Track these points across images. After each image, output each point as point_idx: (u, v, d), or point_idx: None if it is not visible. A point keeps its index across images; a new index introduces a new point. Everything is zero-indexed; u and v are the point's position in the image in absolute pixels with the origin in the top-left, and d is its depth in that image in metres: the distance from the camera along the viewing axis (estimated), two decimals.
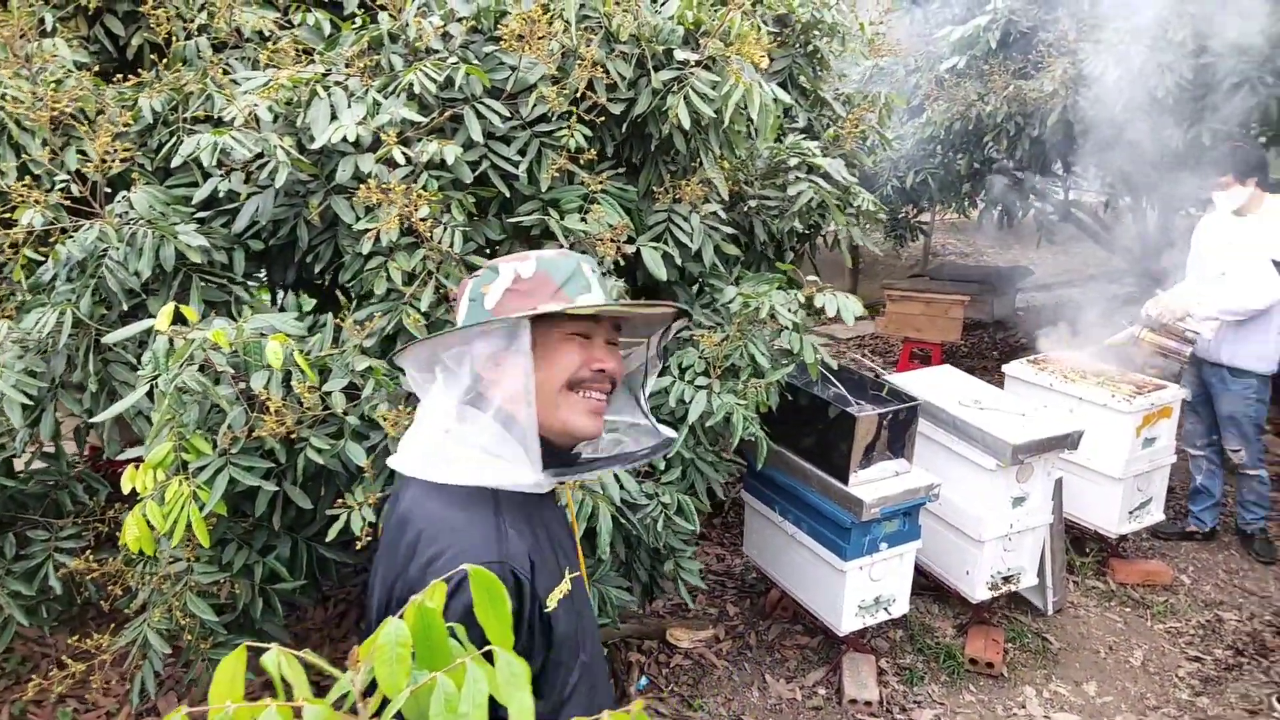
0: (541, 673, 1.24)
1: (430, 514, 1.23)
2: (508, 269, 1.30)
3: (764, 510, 3.49)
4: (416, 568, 1.19)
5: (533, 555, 1.22)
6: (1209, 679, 3.35)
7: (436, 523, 1.22)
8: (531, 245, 2.57)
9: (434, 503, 1.24)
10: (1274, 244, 3.78)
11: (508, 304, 1.28)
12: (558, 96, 2.38)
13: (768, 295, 2.69)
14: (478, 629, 1.08)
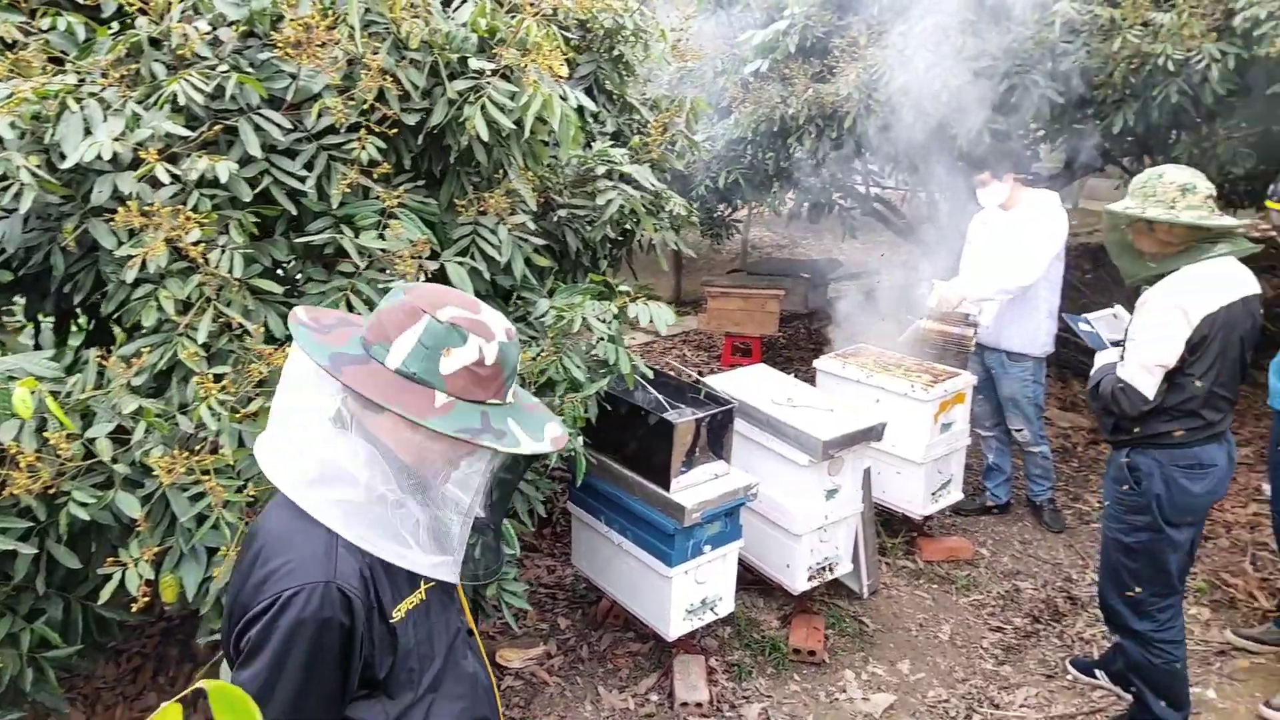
0: (389, 676, 1.31)
1: (272, 529, 1.28)
2: (474, 343, 1.28)
3: (590, 520, 3.45)
4: (253, 583, 1.24)
5: (367, 572, 1.26)
6: (1010, 647, 3.60)
7: (275, 539, 1.26)
8: (326, 265, 2.42)
9: (280, 516, 1.29)
10: (1038, 234, 4.08)
11: (460, 381, 1.27)
12: (344, 107, 2.24)
13: (581, 306, 2.65)
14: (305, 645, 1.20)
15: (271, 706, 1.20)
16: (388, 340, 1.27)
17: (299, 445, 1.29)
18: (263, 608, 1.21)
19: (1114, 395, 2.74)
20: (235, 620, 1.26)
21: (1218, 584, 3.98)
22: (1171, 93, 4.08)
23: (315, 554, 1.23)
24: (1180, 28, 4.00)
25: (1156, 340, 2.67)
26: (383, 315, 1.30)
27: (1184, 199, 2.61)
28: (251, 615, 1.22)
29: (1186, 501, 2.76)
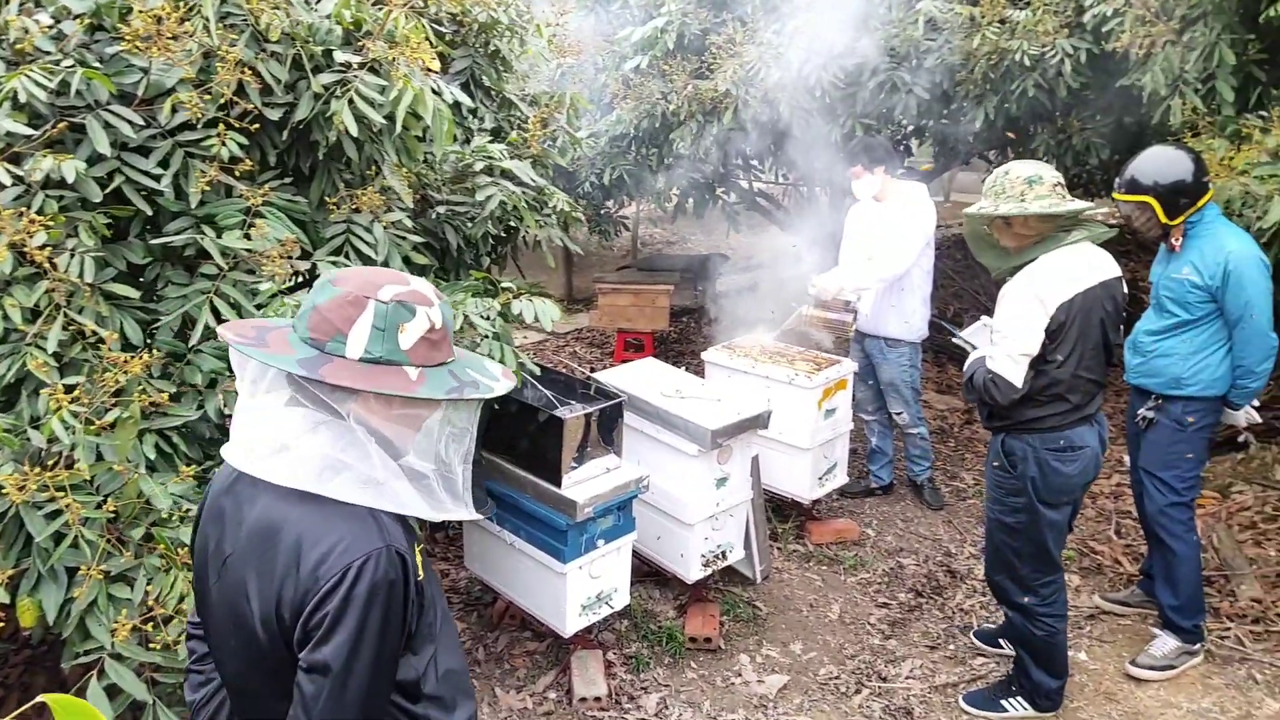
0: (415, 631, 1.37)
1: (299, 520, 1.29)
2: (423, 314, 1.35)
3: (482, 522, 3.41)
4: (306, 572, 1.25)
5: (406, 537, 1.34)
6: (895, 622, 3.73)
7: (311, 526, 1.28)
8: (187, 268, 2.31)
9: (304, 508, 1.29)
10: (908, 225, 4.24)
11: (420, 351, 1.35)
12: (201, 101, 2.15)
13: (463, 304, 2.61)
14: (380, 609, 1.26)
15: (355, 675, 1.26)
16: (341, 333, 1.31)
17: (289, 444, 1.31)
18: (334, 583, 1.24)
19: (986, 387, 2.85)
20: (295, 608, 1.26)
21: (1086, 552, 4.21)
22: (1028, 87, 4.29)
23: (363, 526, 1.29)
24: (1035, 24, 4.22)
25: (1018, 331, 2.80)
26: (323, 310, 1.32)
27: (1031, 190, 2.75)
28: (322, 594, 1.24)
29: (1059, 483, 2.90)
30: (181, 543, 2.00)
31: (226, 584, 1.36)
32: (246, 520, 1.34)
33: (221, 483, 1.43)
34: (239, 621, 1.34)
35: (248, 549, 1.33)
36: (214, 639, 1.45)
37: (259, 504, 1.33)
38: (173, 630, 1.95)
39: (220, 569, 1.37)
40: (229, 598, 1.35)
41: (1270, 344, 3.08)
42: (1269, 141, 3.48)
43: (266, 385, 1.34)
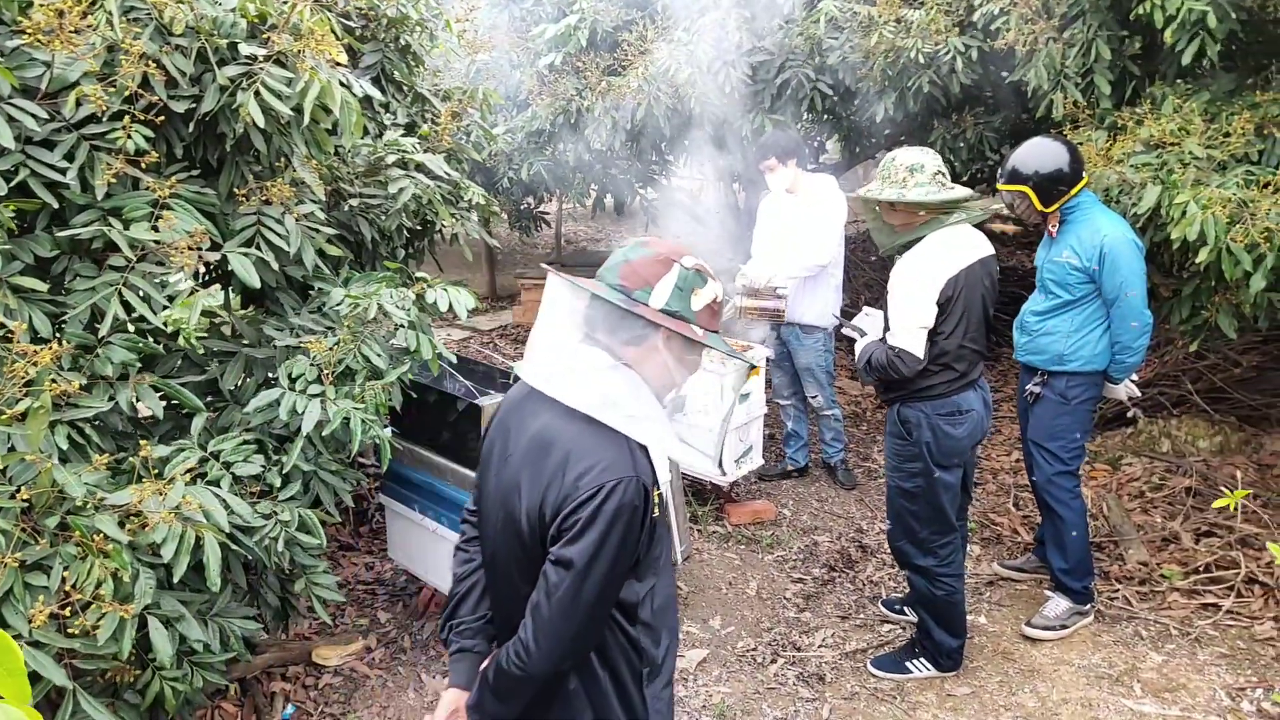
0: (643, 560, 1.60)
1: (573, 438, 1.54)
2: (712, 285, 1.64)
3: (404, 511, 3.46)
4: (570, 480, 1.50)
5: (652, 475, 1.56)
6: (810, 595, 3.89)
7: (580, 445, 1.53)
8: (95, 260, 2.32)
9: (576, 426, 1.55)
10: (821, 216, 4.42)
11: (704, 316, 1.61)
12: (105, 95, 2.16)
13: (376, 295, 2.66)
14: (622, 528, 1.50)
15: (592, 576, 1.50)
16: (649, 286, 1.59)
17: (581, 374, 1.58)
18: (588, 495, 1.49)
19: (891, 362, 3.01)
20: (555, 509, 1.52)
21: (986, 523, 4.45)
22: (924, 83, 4.51)
23: (621, 455, 1.52)
24: (928, 24, 4.43)
25: (913, 305, 2.98)
26: (635, 265, 1.61)
27: (912, 178, 2.94)
28: (578, 502, 1.49)
29: (950, 445, 3.09)
30: (97, 530, 2.01)
31: (503, 480, 1.63)
32: (529, 430, 1.61)
33: (513, 399, 1.72)
34: (509, 512, 1.60)
35: (526, 454, 1.60)
36: (485, 525, 1.73)
37: (541, 419, 1.60)
38: (91, 616, 1.96)
39: (501, 467, 1.65)
40: (504, 492, 1.62)
41: (1145, 321, 3.31)
42: (1143, 132, 3.74)
43: (570, 322, 1.64)
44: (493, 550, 1.70)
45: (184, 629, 2.21)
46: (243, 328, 2.77)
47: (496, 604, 1.76)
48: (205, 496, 2.18)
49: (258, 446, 2.46)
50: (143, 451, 2.17)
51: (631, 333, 1.59)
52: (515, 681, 1.58)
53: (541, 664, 1.55)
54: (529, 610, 1.56)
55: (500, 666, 1.60)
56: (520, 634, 1.57)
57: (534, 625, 1.54)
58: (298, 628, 3.42)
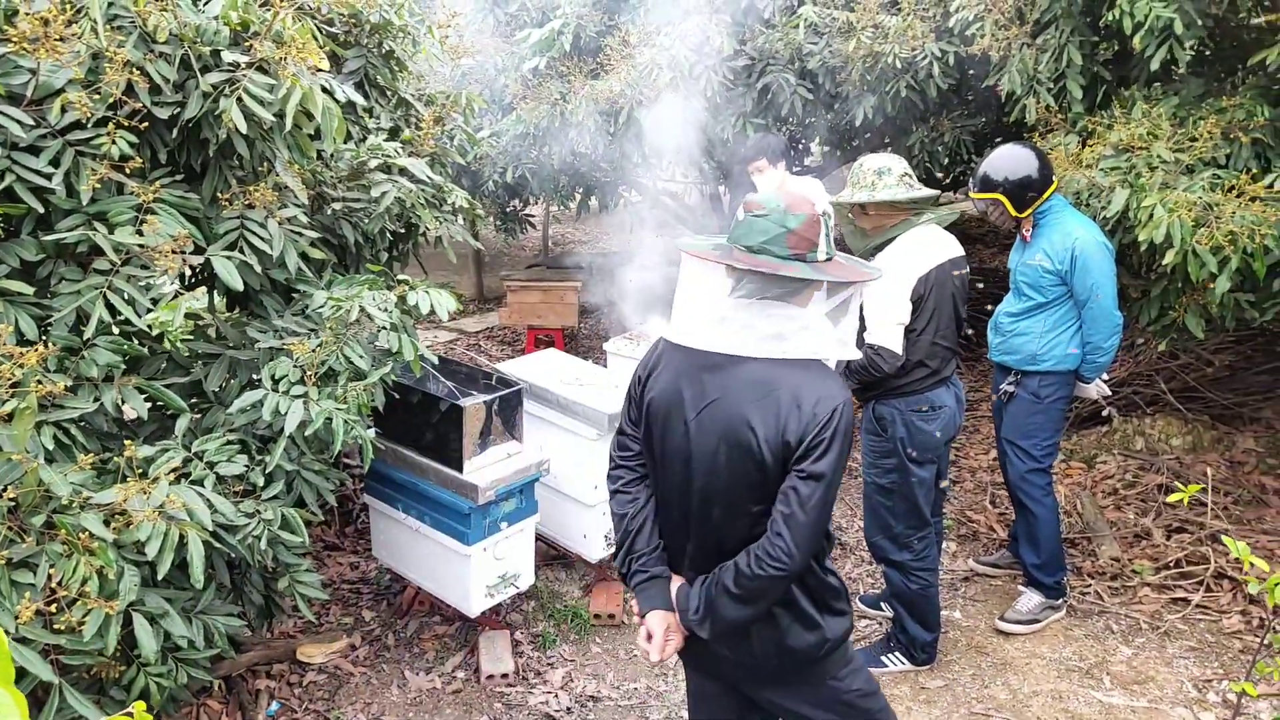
0: None
1: (794, 376, 1.83)
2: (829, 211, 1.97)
3: (388, 510, 3.50)
4: (807, 410, 1.79)
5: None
6: None
7: (801, 382, 1.82)
8: (81, 264, 2.36)
9: (790, 369, 1.84)
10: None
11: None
12: (90, 101, 2.20)
13: (358, 297, 2.70)
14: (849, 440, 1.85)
15: (833, 485, 1.83)
16: (815, 246, 1.88)
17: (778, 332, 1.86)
18: (828, 418, 1.80)
19: (870, 361, 3.08)
20: (799, 435, 1.79)
21: (963, 521, 4.52)
22: (901, 88, 4.57)
23: (836, 382, 1.86)
24: (905, 29, 4.50)
25: (889, 303, 3.05)
26: (800, 232, 1.87)
27: (881, 180, 3.02)
28: (820, 425, 1.79)
29: (924, 440, 3.16)
30: (82, 528, 2.05)
31: (715, 419, 1.87)
32: (737, 377, 1.86)
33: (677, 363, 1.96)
34: (738, 444, 1.84)
35: (744, 395, 1.84)
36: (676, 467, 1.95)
37: (746, 367, 1.85)
38: (76, 613, 2.00)
39: (701, 410, 1.89)
40: (721, 428, 1.86)
41: (1115, 322, 3.38)
42: (1113, 137, 3.81)
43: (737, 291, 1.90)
44: (702, 483, 1.91)
45: (168, 625, 2.25)
46: (226, 330, 2.82)
47: (687, 531, 1.99)
48: (189, 495, 2.23)
49: (241, 447, 2.51)
50: (127, 452, 2.21)
51: (800, 289, 1.89)
52: (772, 582, 1.83)
53: (801, 561, 1.82)
54: (782, 521, 1.81)
55: (747, 573, 1.83)
56: (772, 542, 1.81)
57: (791, 531, 1.80)
58: (282, 626, 3.47)
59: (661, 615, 1.98)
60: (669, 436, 1.96)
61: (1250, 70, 3.83)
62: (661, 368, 2.00)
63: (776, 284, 1.87)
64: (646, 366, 2.05)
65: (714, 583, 1.89)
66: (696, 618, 1.91)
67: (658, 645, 1.97)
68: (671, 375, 1.97)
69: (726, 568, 1.88)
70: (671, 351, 2.00)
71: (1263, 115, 3.53)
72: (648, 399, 2.01)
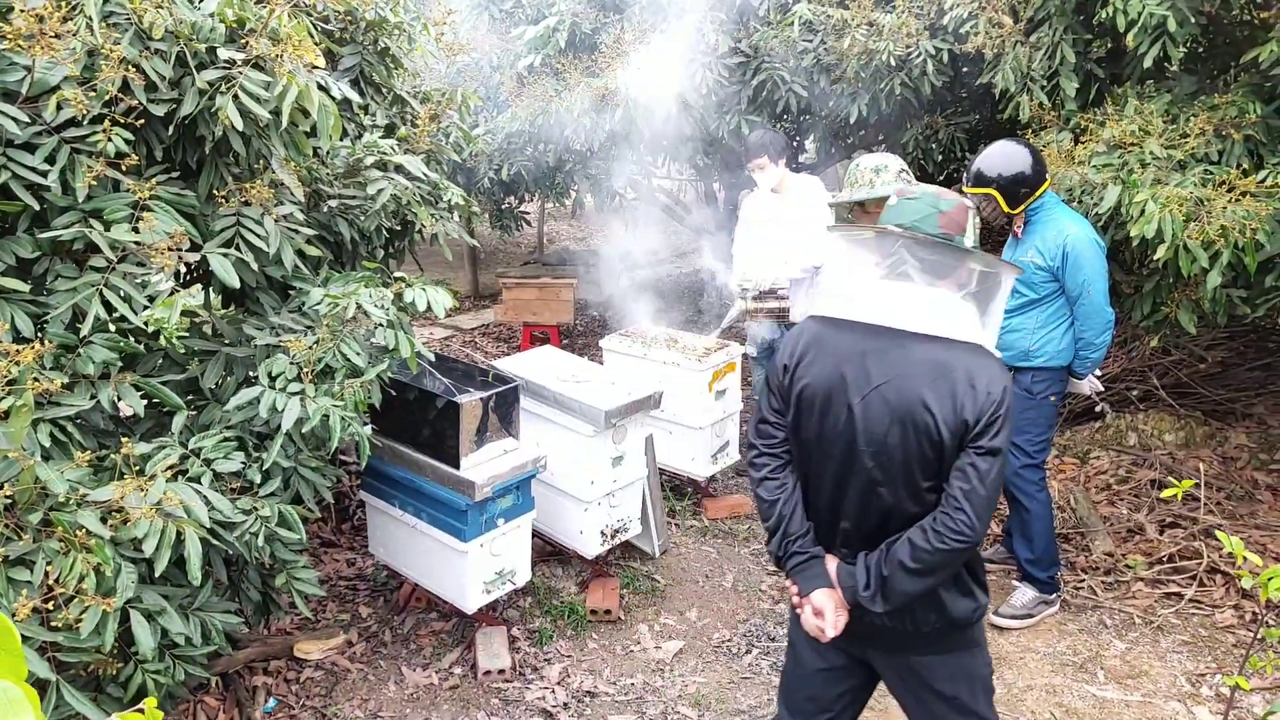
0: None
1: (965, 359, 1.93)
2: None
3: (384, 507, 3.51)
4: (981, 391, 1.90)
5: None
6: (784, 587, 3.96)
7: (972, 364, 1.93)
8: (77, 262, 2.36)
9: (960, 351, 1.95)
10: (809, 215, 4.48)
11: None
12: (86, 98, 2.20)
13: (355, 294, 2.71)
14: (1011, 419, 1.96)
15: (1005, 457, 1.93)
16: (963, 230, 2.01)
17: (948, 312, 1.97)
18: (999, 398, 1.91)
19: None
20: (976, 415, 1.90)
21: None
22: (895, 85, 4.59)
23: (999, 364, 1.97)
24: (900, 27, 4.51)
25: None
26: (950, 214, 2.00)
27: (879, 177, 3.04)
28: (994, 405, 1.90)
29: None
30: (79, 525, 2.06)
31: (885, 401, 1.95)
32: (908, 361, 1.95)
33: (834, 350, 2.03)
34: (913, 424, 1.93)
35: (918, 378, 1.93)
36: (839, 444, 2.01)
37: (916, 352, 1.95)
38: (74, 610, 2.01)
39: (868, 392, 1.96)
40: (893, 410, 1.94)
41: (1106, 318, 3.40)
42: (1105, 134, 3.83)
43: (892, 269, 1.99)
44: (871, 464, 1.99)
45: (165, 622, 2.26)
46: (223, 327, 2.82)
47: (842, 511, 2.06)
48: (186, 493, 2.23)
49: (238, 444, 2.51)
50: (124, 449, 2.21)
51: (954, 269, 1.98)
52: (953, 555, 1.92)
53: (981, 533, 1.92)
54: (962, 496, 1.90)
55: (926, 548, 1.91)
56: (953, 516, 1.90)
57: (972, 505, 1.89)
58: (279, 622, 3.47)
59: (828, 593, 2.06)
60: (827, 421, 2.03)
61: (1243, 67, 3.84)
62: (812, 356, 2.06)
63: (930, 258, 1.97)
64: (793, 356, 2.10)
65: (885, 559, 1.97)
66: (868, 593, 1.99)
67: (831, 622, 2.04)
68: (828, 362, 2.04)
69: (900, 543, 1.95)
70: (825, 340, 2.07)
71: (1255, 112, 3.55)
72: (798, 387, 2.07)
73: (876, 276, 2.02)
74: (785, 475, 2.14)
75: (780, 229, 4.58)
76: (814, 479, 2.11)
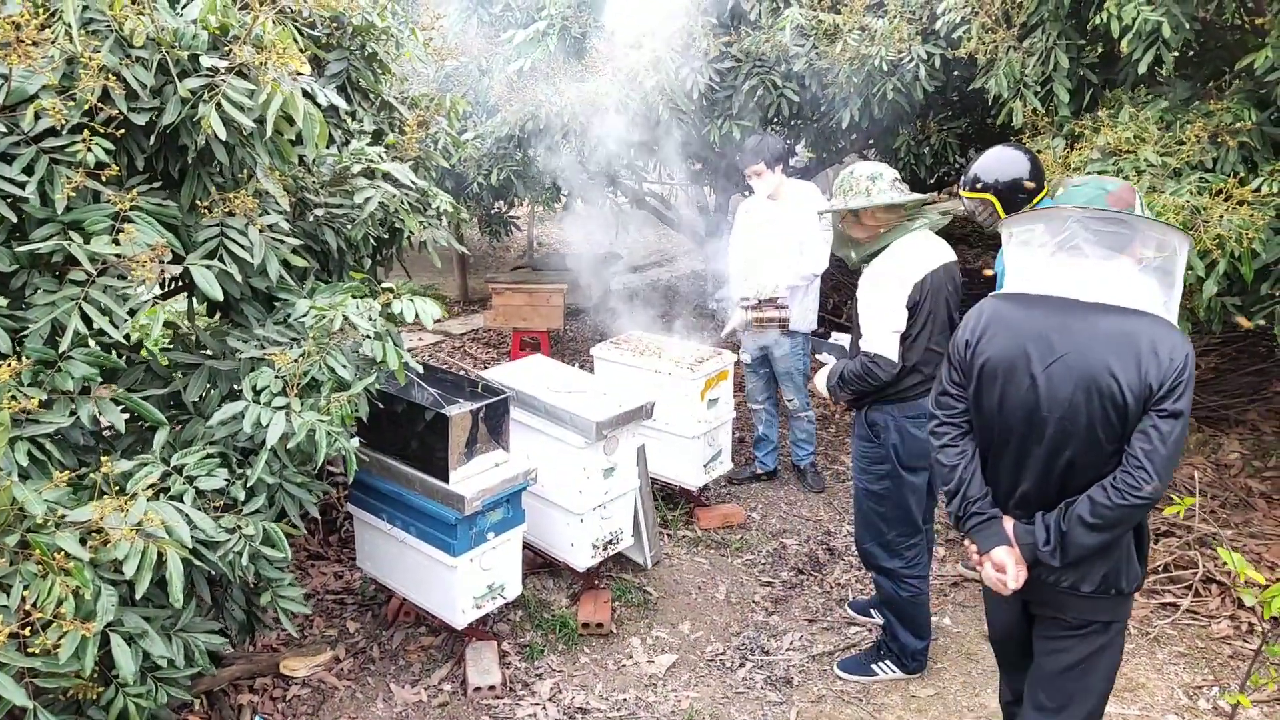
0: None
1: (1149, 329, 2.06)
2: None
3: (372, 520, 3.45)
4: (1164, 358, 2.03)
5: None
6: (778, 599, 3.93)
7: (1155, 332, 2.06)
8: (56, 274, 2.30)
9: (1142, 321, 2.07)
10: (805, 221, 4.44)
11: None
12: (65, 107, 2.15)
13: (342, 305, 2.65)
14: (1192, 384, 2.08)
15: (1187, 416, 2.05)
16: (1131, 207, 2.16)
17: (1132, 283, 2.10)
18: (1183, 364, 2.04)
19: (867, 370, 3.05)
20: (1159, 380, 2.03)
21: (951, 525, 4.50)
22: (888, 90, 4.55)
23: (1180, 334, 2.08)
24: (892, 32, 4.47)
25: (885, 311, 3.02)
26: (1119, 194, 2.19)
27: (875, 185, 3.00)
28: (1177, 370, 2.03)
29: (918, 447, 3.14)
30: (57, 548, 2.00)
31: (1070, 370, 2.10)
32: (1092, 329, 2.10)
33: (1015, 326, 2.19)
34: (1099, 390, 2.07)
35: (1103, 347, 2.07)
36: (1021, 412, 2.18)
37: (1101, 323, 2.10)
38: (52, 635, 1.95)
39: (1052, 362, 2.12)
40: (1079, 377, 2.09)
41: None
42: (1100, 140, 3.80)
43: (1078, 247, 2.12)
44: (1056, 429, 2.14)
45: (147, 645, 2.20)
46: (206, 339, 2.76)
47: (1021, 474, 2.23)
48: (167, 512, 2.17)
49: (221, 460, 2.45)
50: (104, 467, 2.15)
51: (1130, 241, 2.09)
52: (1133, 511, 2.06)
53: (1160, 491, 2.05)
54: (1144, 456, 2.04)
55: (1107, 504, 2.07)
56: (1134, 474, 2.05)
57: (1154, 464, 2.03)
58: (265, 638, 3.41)
59: (1008, 550, 2.22)
60: (1009, 390, 2.20)
61: (1237, 74, 3.82)
62: (993, 332, 2.23)
63: (1106, 231, 2.09)
64: (973, 332, 2.27)
65: (1064, 516, 2.14)
66: (1048, 549, 2.16)
67: (1014, 575, 2.20)
68: (1010, 337, 2.21)
69: (1080, 501, 2.12)
70: (1006, 316, 2.24)
71: (1250, 119, 3.53)
72: (979, 361, 2.24)
73: (1054, 254, 2.17)
74: (965, 443, 2.32)
75: (776, 232, 4.54)
76: (995, 446, 2.28)
